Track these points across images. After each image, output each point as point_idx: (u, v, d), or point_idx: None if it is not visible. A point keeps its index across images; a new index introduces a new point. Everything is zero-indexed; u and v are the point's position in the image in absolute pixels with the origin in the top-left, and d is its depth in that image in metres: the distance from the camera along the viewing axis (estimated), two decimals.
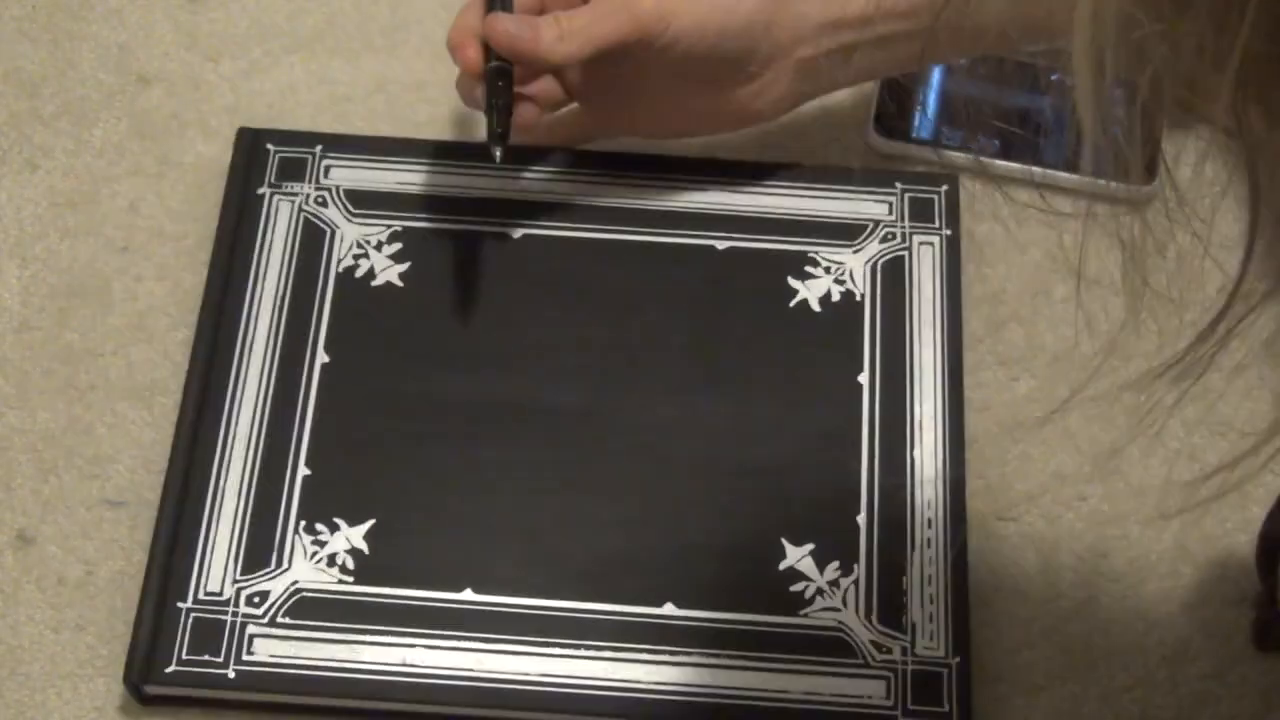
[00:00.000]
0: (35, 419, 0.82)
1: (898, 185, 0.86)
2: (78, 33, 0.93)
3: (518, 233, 0.84)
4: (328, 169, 0.86)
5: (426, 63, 0.92)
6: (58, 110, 0.91)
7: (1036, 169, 0.87)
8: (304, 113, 0.90)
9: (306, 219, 0.84)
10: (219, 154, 0.88)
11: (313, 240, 0.83)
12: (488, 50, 0.77)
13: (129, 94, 0.91)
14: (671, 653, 0.74)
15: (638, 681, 0.73)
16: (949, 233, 0.84)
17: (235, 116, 0.90)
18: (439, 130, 0.90)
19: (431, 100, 0.91)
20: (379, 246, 0.83)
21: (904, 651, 0.74)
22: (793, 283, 0.83)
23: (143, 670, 0.73)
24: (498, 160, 0.76)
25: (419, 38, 0.93)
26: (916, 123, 0.90)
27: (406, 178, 0.86)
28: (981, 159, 0.88)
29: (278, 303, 0.82)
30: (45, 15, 0.94)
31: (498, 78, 0.76)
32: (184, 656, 0.73)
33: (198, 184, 0.88)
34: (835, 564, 0.76)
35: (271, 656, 0.73)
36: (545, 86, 0.82)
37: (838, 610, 0.75)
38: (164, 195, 0.88)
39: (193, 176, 0.88)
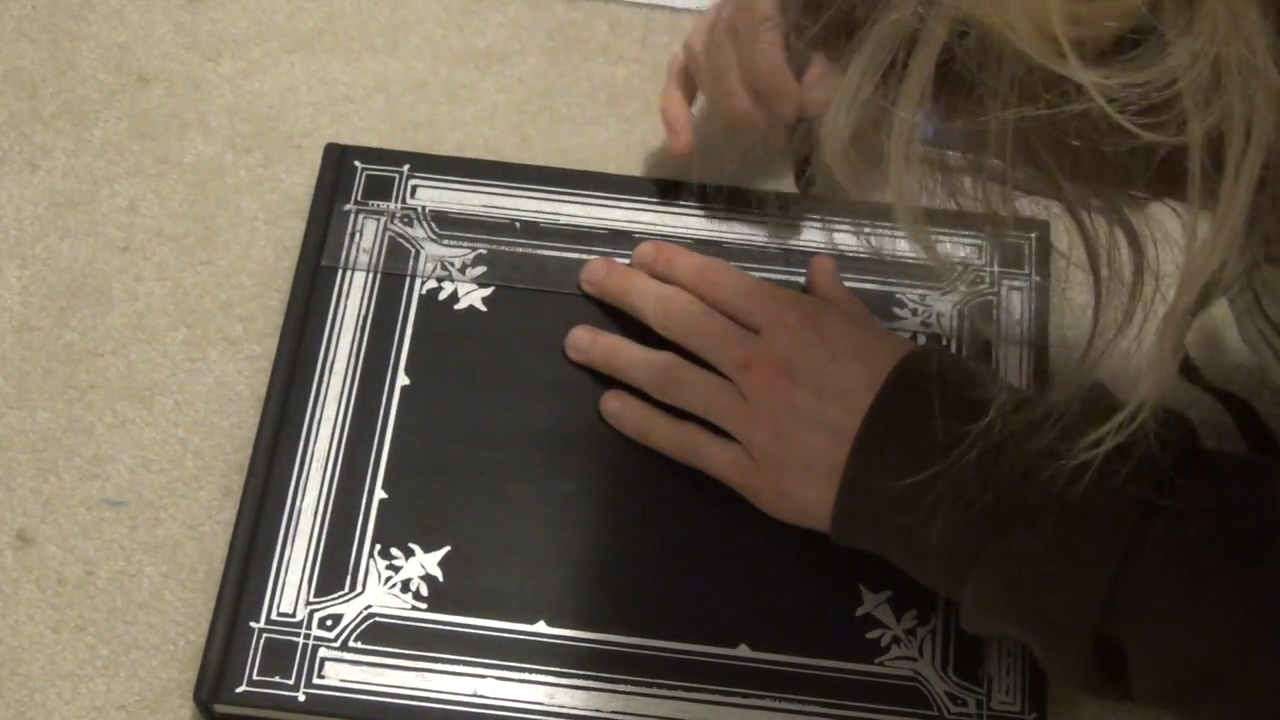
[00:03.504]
0: (35, 419, 0.82)
1: (988, 228, 0.84)
2: (78, 33, 0.93)
3: None
4: (414, 189, 0.85)
5: (426, 63, 0.92)
6: (58, 110, 0.91)
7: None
8: (304, 112, 0.90)
9: (391, 238, 0.83)
10: (219, 154, 0.89)
11: (397, 260, 0.83)
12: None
13: (129, 94, 0.91)
14: (744, 695, 0.73)
15: None
16: (1038, 279, 0.83)
17: (235, 116, 0.90)
18: (438, 130, 0.90)
19: (431, 100, 0.91)
20: (463, 269, 0.83)
21: (979, 705, 0.73)
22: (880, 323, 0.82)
23: (213, 689, 0.72)
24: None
25: (419, 38, 0.93)
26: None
27: (493, 200, 0.85)
28: (981, 159, 0.87)
29: (360, 322, 0.81)
30: (45, 15, 0.94)
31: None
32: (254, 677, 0.73)
33: (198, 184, 0.88)
34: (912, 612, 0.75)
35: (342, 680, 0.73)
36: None
37: (913, 659, 0.74)
38: (164, 195, 0.88)
39: (193, 176, 0.88)
